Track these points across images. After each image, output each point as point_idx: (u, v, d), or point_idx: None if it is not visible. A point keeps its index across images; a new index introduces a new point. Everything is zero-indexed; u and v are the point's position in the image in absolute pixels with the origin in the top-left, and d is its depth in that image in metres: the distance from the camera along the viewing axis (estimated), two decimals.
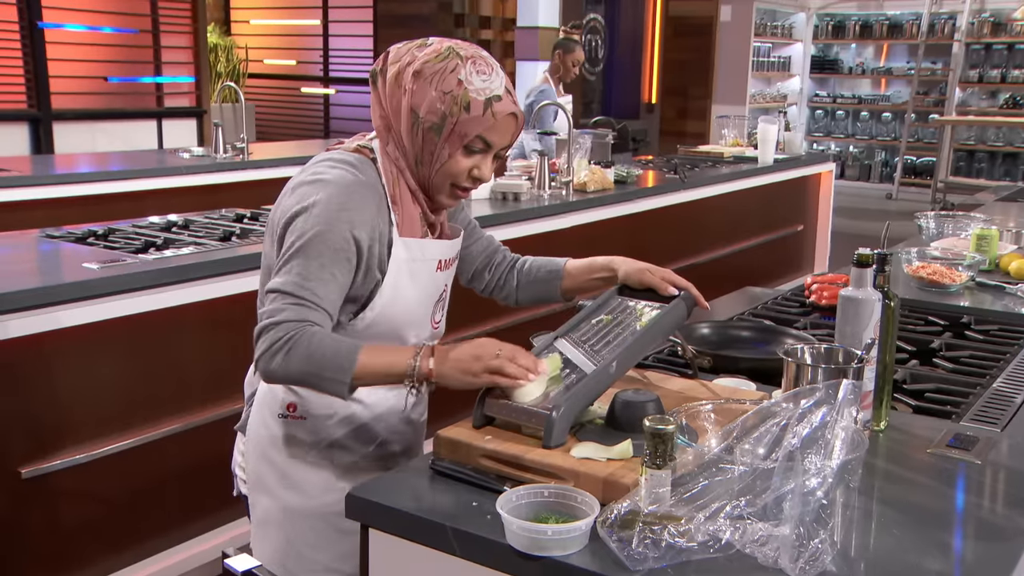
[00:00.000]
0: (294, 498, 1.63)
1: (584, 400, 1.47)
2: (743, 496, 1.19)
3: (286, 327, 1.42)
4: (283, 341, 1.41)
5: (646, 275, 1.72)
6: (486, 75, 1.51)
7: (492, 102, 1.50)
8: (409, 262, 1.58)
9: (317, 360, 1.40)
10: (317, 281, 1.45)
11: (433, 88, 1.49)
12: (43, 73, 6.72)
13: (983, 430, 1.65)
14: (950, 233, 3.43)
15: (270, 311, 1.44)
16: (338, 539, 1.61)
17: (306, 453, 1.62)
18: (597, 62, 9.98)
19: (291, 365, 1.41)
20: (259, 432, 1.65)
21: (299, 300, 1.44)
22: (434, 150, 1.52)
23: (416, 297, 1.61)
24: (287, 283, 1.45)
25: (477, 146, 1.53)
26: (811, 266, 6.60)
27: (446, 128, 1.50)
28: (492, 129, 1.52)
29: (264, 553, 1.66)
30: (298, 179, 1.55)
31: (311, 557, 1.64)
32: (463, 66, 1.50)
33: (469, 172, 1.55)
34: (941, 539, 1.29)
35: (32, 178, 4.33)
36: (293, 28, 10.85)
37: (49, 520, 2.43)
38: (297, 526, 1.64)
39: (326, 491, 1.62)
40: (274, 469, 1.64)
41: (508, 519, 1.19)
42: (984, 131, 11.40)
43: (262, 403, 1.65)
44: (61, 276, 2.53)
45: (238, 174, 4.95)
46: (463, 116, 1.49)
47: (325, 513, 1.62)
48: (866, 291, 1.59)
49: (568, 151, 4.34)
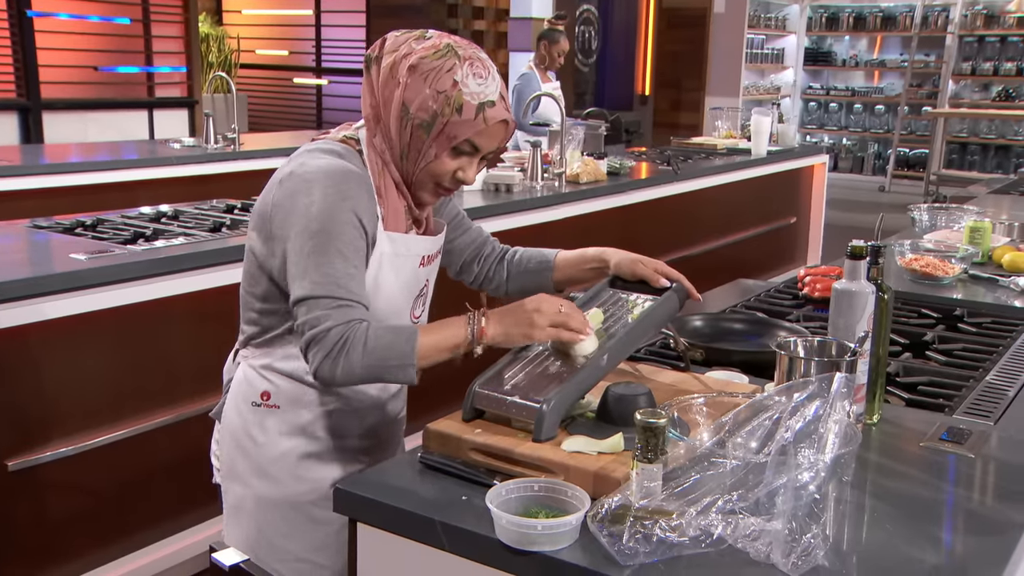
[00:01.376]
0: (266, 487, 1.62)
1: (575, 393, 1.46)
2: (735, 490, 1.18)
3: (336, 332, 1.41)
4: (339, 346, 1.40)
5: (638, 266, 1.71)
6: (482, 79, 1.49)
7: (485, 107, 1.48)
8: (392, 257, 1.56)
9: (379, 354, 1.41)
10: (344, 277, 1.44)
11: (427, 85, 1.47)
12: (32, 62, 6.67)
13: (976, 423, 1.65)
14: (943, 225, 3.43)
15: (311, 321, 1.42)
16: (311, 529, 1.61)
17: (278, 442, 1.61)
18: (590, 53, 9.96)
19: (353, 366, 1.41)
20: (233, 420, 1.64)
21: (337, 301, 1.43)
22: (421, 147, 1.51)
23: (397, 292, 1.59)
24: (317, 288, 1.43)
25: (465, 149, 1.51)
26: (804, 258, 6.60)
27: (436, 127, 1.48)
28: (482, 134, 1.50)
29: (235, 541, 1.65)
30: (286, 170, 1.53)
31: (282, 546, 1.63)
32: (460, 66, 1.48)
33: (454, 174, 1.54)
34: (934, 533, 1.28)
35: (21, 168, 4.29)
36: (285, 18, 10.80)
37: (36, 513, 2.42)
38: (268, 515, 1.63)
39: (298, 480, 1.61)
40: (246, 457, 1.63)
41: (498, 513, 1.18)
42: (977, 124, 11.42)
43: (237, 391, 1.64)
44: (50, 267, 2.51)
45: (229, 165, 4.92)
46: (454, 118, 1.47)
47: (297, 502, 1.61)
48: (860, 284, 1.58)
49: (561, 142, 4.32)
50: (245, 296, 1.62)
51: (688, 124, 11.28)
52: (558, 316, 1.46)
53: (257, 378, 1.61)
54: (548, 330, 1.46)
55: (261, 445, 1.61)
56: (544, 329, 1.45)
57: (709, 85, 11.54)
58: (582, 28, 9.74)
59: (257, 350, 1.62)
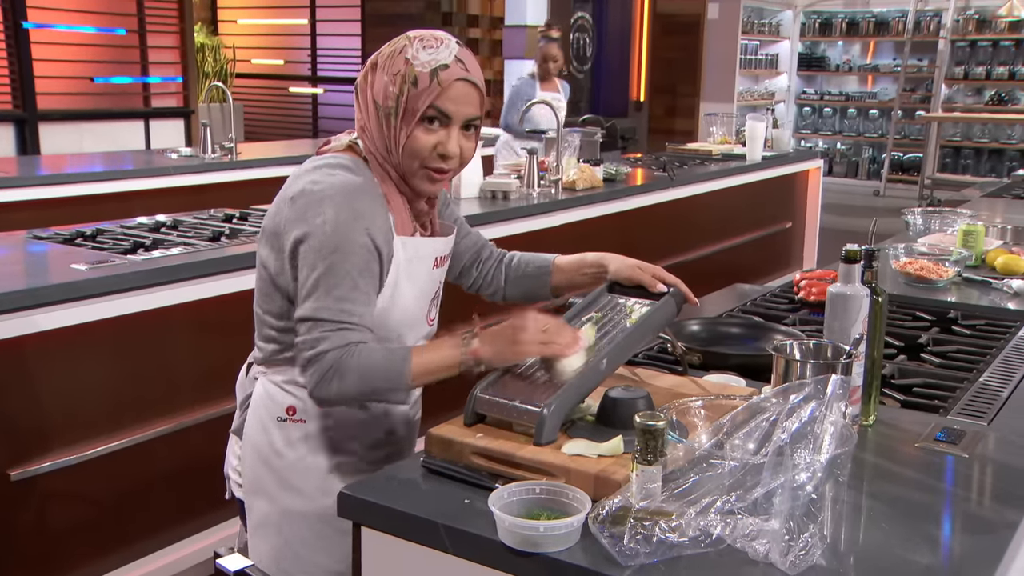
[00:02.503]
0: (293, 501, 1.62)
1: (575, 397, 1.47)
2: (733, 491, 1.20)
3: (332, 356, 1.43)
4: (333, 369, 1.42)
5: (636, 272, 1.73)
6: (433, 48, 1.50)
7: (438, 71, 1.49)
8: (406, 262, 1.57)
9: (371, 376, 1.43)
10: (348, 301, 1.45)
11: (385, 73, 1.51)
12: (28, 73, 6.68)
13: (970, 424, 1.67)
14: (937, 229, 3.45)
15: (310, 341, 1.44)
16: (340, 540, 1.60)
17: (306, 455, 1.61)
18: (585, 60, 9.99)
19: (347, 388, 1.43)
20: (257, 436, 1.64)
21: (337, 325, 1.44)
22: (396, 134, 1.52)
23: (414, 296, 1.60)
24: (321, 309, 1.44)
25: (433, 115, 1.50)
26: (800, 263, 6.62)
27: (399, 108, 1.50)
28: (443, 97, 1.49)
29: (261, 556, 1.65)
30: (297, 187, 1.52)
31: (310, 559, 1.63)
32: (410, 46, 1.51)
33: (434, 148, 1.52)
34: (929, 532, 1.30)
35: (18, 179, 4.30)
36: (281, 27, 10.82)
37: (38, 523, 2.42)
38: (295, 528, 1.63)
39: (326, 493, 1.60)
40: (273, 472, 1.62)
41: (500, 516, 1.19)
42: (970, 128, 11.46)
43: (259, 407, 1.63)
44: (49, 277, 2.52)
45: (226, 174, 4.93)
46: (412, 91, 1.49)
47: (326, 515, 1.60)
48: (854, 287, 1.60)
49: (557, 149, 4.35)
50: (260, 314, 1.62)
51: (683, 130, 11.32)
52: (543, 334, 1.47)
53: (280, 393, 1.61)
54: (535, 348, 1.47)
55: (288, 459, 1.61)
56: (532, 346, 1.47)
57: (704, 91, 11.58)
58: (577, 35, 9.77)
59: (278, 367, 1.62)
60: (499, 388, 1.49)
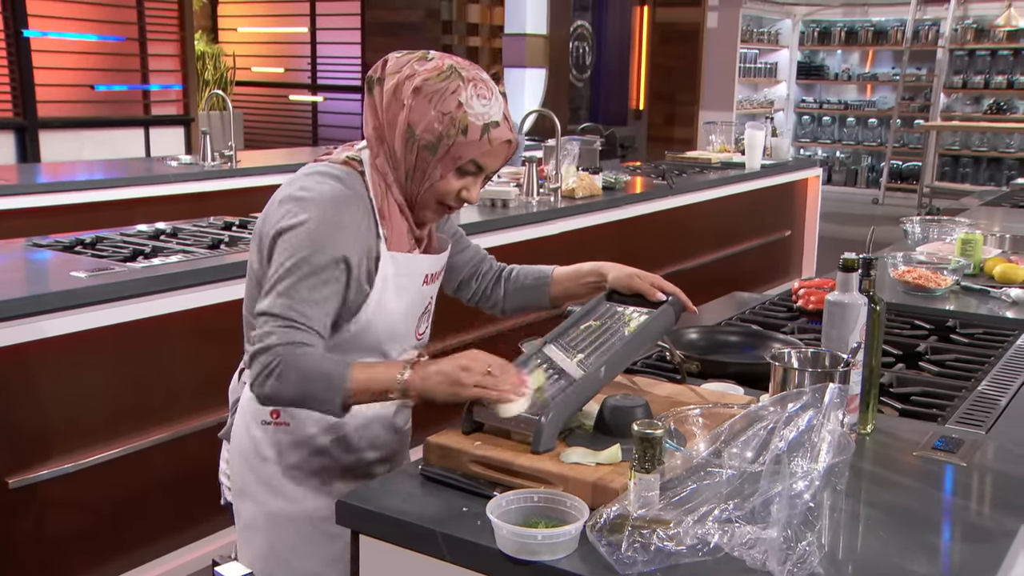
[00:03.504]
0: (278, 504, 1.63)
1: (573, 405, 1.48)
2: (731, 499, 1.20)
3: (276, 351, 1.42)
4: (274, 365, 1.42)
5: (634, 280, 1.73)
6: (486, 99, 1.51)
7: (490, 128, 1.50)
8: (396, 277, 1.57)
9: (309, 382, 1.42)
10: (307, 303, 1.45)
11: (432, 107, 1.49)
12: (29, 81, 6.69)
13: (968, 433, 1.67)
14: (935, 238, 3.45)
15: (260, 335, 1.44)
16: (325, 544, 1.61)
17: (290, 459, 1.62)
18: (584, 69, 10.01)
19: (284, 388, 1.42)
20: (243, 439, 1.65)
21: (288, 323, 1.44)
22: (427, 168, 1.52)
23: (401, 311, 1.61)
24: (276, 305, 1.45)
25: (470, 169, 1.54)
26: (798, 271, 6.63)
27: (441, 149, 1.50)
28: (487, 154, 1.52)
29: (248, 560, 1.65)
30: (286, 191, 1.54)
31: (295, 564, 1.63)
32: (464, 88, 1.50)
33: (458, 193, 1.56)
34: (927, 541, 1.30)
35: (19, 187, 4.30)
36: (281, 36, 10.84)
37: (36, 530, 2.42)
38: (281, 532, 1.63)
39: (310, 497, 1.62)
40: (258, 476, 1.63)
41: (498, 524, 1.20)
42: (968, 136, 11.48)
43: (245, 410, 1.65)
44: (48, 285, 2.52)
45: (226, 182, 4.93)
46: (460, 139, 1.49)
47: (310, 518, 1.62)
48: (852, 295, 1.61)
49: (556, 158, 4.35)
50: (248, 317, 1.63)
51: (682, 138, 11.34)
52: (485, 378, 1.42)
53: None
54: (473, 390, 1.42)
55: (272, 463, 1.62)
56: (469, 388, 1.42)
57: (703, 99, 11.60)
58: (576, 44, 9.79)
59: None
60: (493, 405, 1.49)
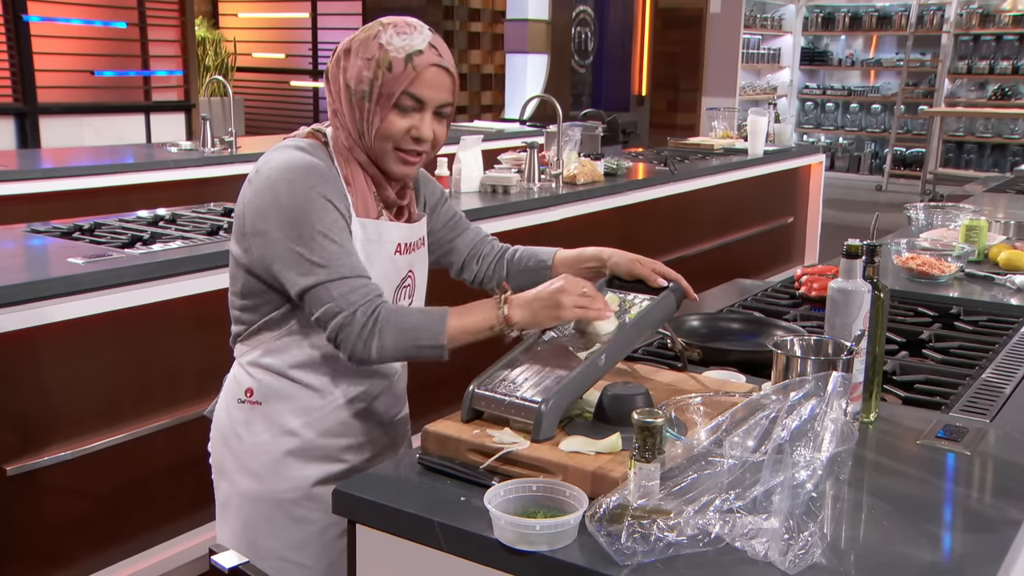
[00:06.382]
0: (249, 483, 1.63)
1: (573, 393, 1.46)
2: (732, 489, 1.18)
3: (362, 311, 1.46)
4: (370, 326, 1.45)
5: (636, 266, 1.72)
6: (406, 34, 1.53)
7: (413, 56, 1.52)
8: (364, 242, 1.58)
9: (411, 333, 1.46)
10: (342, 256, 1.48)
11: (359, 58, 1.53)
12: (29, 67, 6.66)
13: (972, 421, 1.65)
14: (939, 224, 3.43)
15: (331, 308, 1.46)
16: (291, 527, 1.61)
17: (260, 439, 1.62)
18: (587, 54, 9.96)
19: (386, 344, 1.46)
20: (221, 417, 1.68)
21: (346, 283, 1.47)
22: (370, 117, 1.54)
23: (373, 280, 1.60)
24: (320, 273, 1.47)
25: (407, 104, 1.54)
26: (801, 258, 6.61)
27: (374, 92, 1.52)
28: (417, 83, 1.52)
29: (224, 538, 1.67)
30: (254, 167, 1.57)
31: (263, 544, 1.63)
32: (384, 31, 1.53)
33: (407, 132, 1.55)
34: (931, 530, 1.29)
35: (18, 172, 4.28)
36: (281, 21, 10.80)
37: (35, 517, 2.42)
38: (251, 512, 1.64)
39: (280, 478, 1.62)
40: (232, 454, 1.65)
41: (496, 514, 1.18)
42: (973, 122, 11.43)
43: (227, 389, 1.67)
44: (47, 271, 2.51)
45: (226, 168, 4.91)
46: (387, 76, 1.51)
47: (279, 500, 1.62)
48: (855, 282, 1.59)
49: (558, 143, 4.33)
50: (230, 297, 1.65)
51: (685, 124, 11.29)
52: (582, 298, 1.51)
53: (243, 375, 1.64)
54: (574, 310, 1.50)
55: (244, 441, 1.63)
56: (571, 309, 1.50)
57: (705, 85, 11.55)
58: (578, 29, 9.74)
59: (243, 346, 1.64)
60: (496, 384, 1.48)
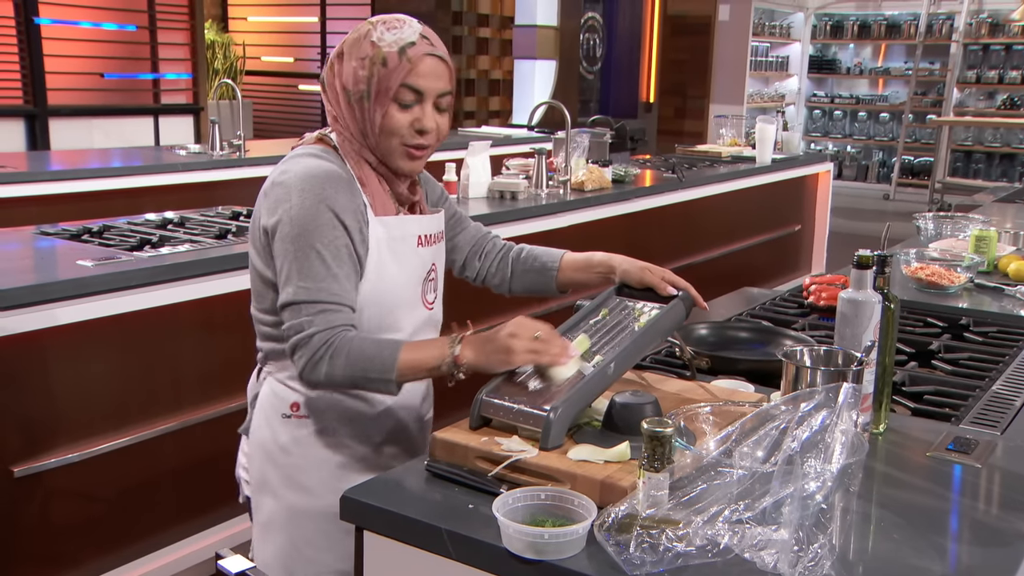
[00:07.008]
0: (300, 499, 1.62)
1: (582, 402, 1.46)
2: (742, 500, 1.18)
3: (319, 337, 1.45)
4: (322, 350, 1.44)
5: (645, 274, 1.71)
6: (397, 28, 1.53)
7: (406, 49, 1.52)
8: (389, 240, 1.58)
9: (361, 363, 1.44)
10: (327, 280, 1.47)
11: (352, 59, 1.54)
12: (39, 69, 6.69)
13: (982, 433, 1.64)
14: (948, 234, 3.42)
15: (296, 326, 1.46)
16: (346, 539, 1.60)
17: (311, 452, 1.61)
18: (595, 61, 9.96)
19: (335, 372, 1.45)
20: (263, 434, 1.64)
21: (319, 306, 1.46)
22: (372, 115, 1.54)
23: (401, 275, 1.60)
24: (300, 292, 1.46)
25: (406, 97, 1.53)
26: (809, 266, 6.59)
27: (372, 90, 1.52)
28: (414, 74, 1.52)
29: (267, 557, 1.64)
30: (268, 181, 1.57)
31: (315, 558, 1.62)
32: (374, 29, 1.53)
33: (410, 125, 1.55)
34: (941, 543, 1.28)
35: (28, 174, 4.30)
36: (291, 25, 10.82)
37: (41, 519, 2.42)
38: (302, 527, 1.62)
39: (332, 491, 1.59)
40: (279, 470, 1.62)
41: (504, 522, 1.18)
42: (981, 132, 11.40)
43: (265, 405, 1.64)
44: (56, 273, 2.51)
45: (235, 171, 4.92)
46: (382, 71, 1.51)
47: (332, 513, 1.60)
48: (866, 293, 1.58)
49: (566, 150, 4.33)
50: (256, 314, 1.63)
51: (693, 132, 11.29)
52: (535, 342, 1.45)
53: (285, 390, 1.61)
54: (525, 355, 1.45)
55: (294, 456, 1.61)
56: (522, 354, 1.44)
57: (713, 93, 11.54)
58: (587, 36, 9.75)
59: (279, 363, 1.62)
60: (505, 392, 1.48)
